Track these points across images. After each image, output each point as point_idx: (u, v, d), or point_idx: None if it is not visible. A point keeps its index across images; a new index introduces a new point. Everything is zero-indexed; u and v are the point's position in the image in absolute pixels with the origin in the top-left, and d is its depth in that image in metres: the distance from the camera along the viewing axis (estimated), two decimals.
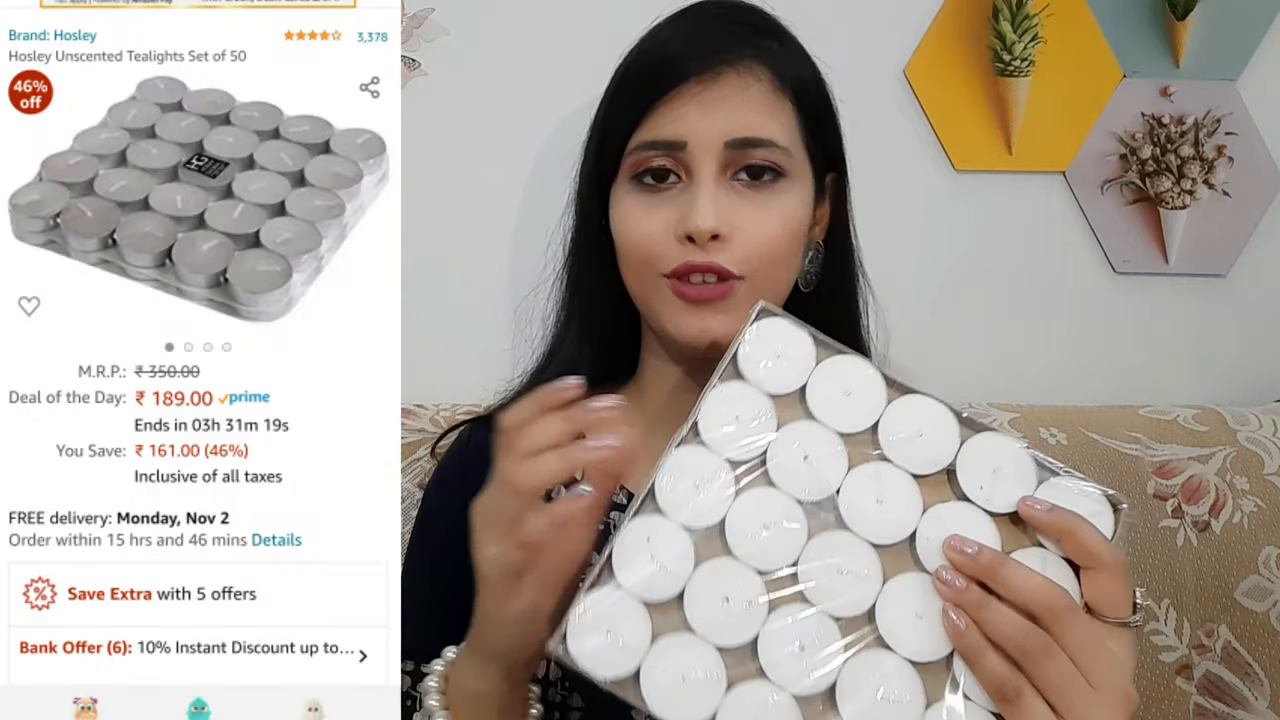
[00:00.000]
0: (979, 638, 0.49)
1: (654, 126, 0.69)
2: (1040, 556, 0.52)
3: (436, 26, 1.02)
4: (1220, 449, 0.97)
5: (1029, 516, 0.52)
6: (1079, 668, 0.48)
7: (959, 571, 0.51)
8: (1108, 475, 0.95)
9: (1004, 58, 1.05)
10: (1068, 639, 0.49)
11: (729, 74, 0.68)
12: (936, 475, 0.54)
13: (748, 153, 0.68)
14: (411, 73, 1.01)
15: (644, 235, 0.69)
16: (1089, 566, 0.51)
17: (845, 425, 0.55)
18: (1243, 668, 0.91)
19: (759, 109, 0.69)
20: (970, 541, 0.51)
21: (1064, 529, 0.51)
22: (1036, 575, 0.50)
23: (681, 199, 0.68)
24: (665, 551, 0.52)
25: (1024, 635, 0.48)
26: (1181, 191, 1.08)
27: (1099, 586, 0.51)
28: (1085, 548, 0.51)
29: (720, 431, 0.55)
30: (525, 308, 0.88)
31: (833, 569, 0.52)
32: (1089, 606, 0.51)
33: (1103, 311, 1.10)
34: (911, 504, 0.53)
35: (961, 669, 0.50)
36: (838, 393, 0.56)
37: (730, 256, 0.67)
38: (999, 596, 0.50)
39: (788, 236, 0.69)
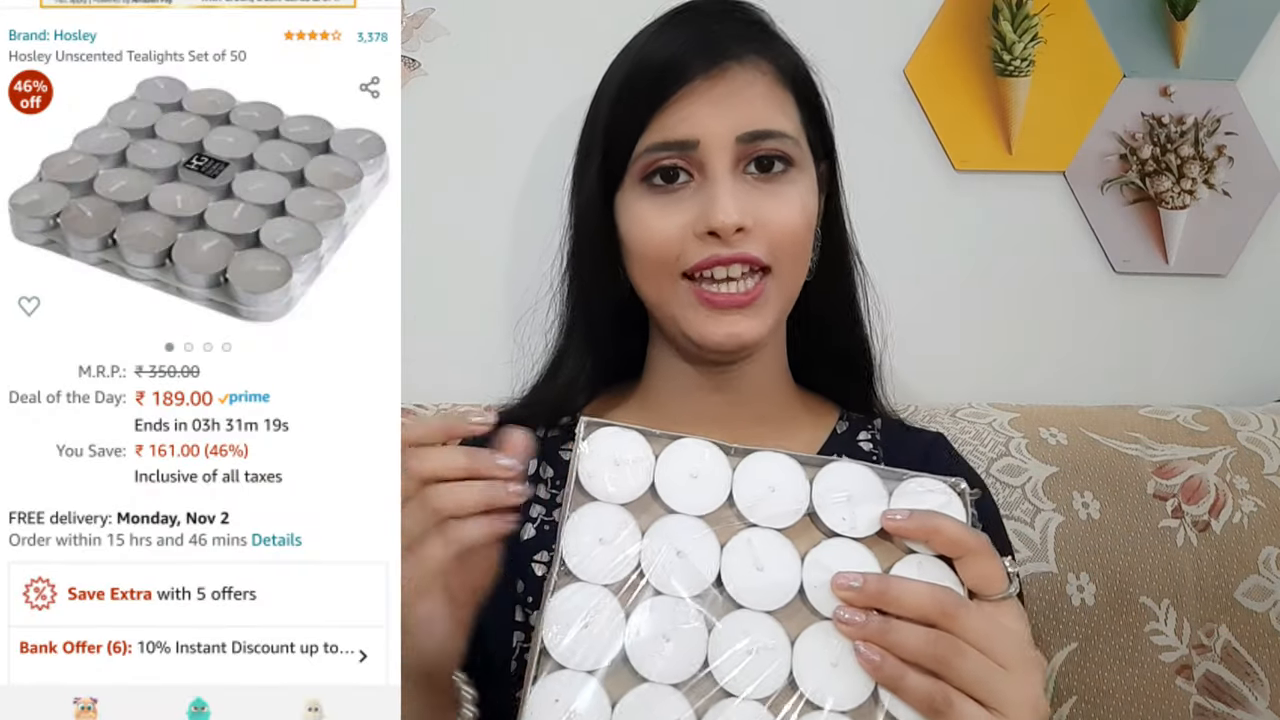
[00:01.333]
0: (896, 663, 0.50)
1: (664, 128, 0.69)
2: (916, 562, 0.54)
3: (436, 26, 1.02)
4: (1220, 449, 0.97)
5: (894, 529, 0.55)
6: (987, 654, 0.50)
7: (853, 607, 0.52)
8: (1108, 475, 0.95)
9: (1004, 58, 1.05)
10: (968, 632, 0.50)
11: (735, 69, 0.69)
12: (800, 523, 0.56)
13: (759, 145, 0.69)
14: (411, 73, 1.02)
15: (662, 236, 0.69)
16: (959, 555, 0.54)
17: (702, 508, 0.55)
18: (1243, 668, 0.91)
19: (767, 101, 0.70)
20: (852, 575, 0.52)
21: (927, 529, 0.54)
22: (921, 584, 0.52)
23: (696, 197, 0.69)
24: (578, 706, 0.51)
25: (932, 644, 0.50)
26: (1181, 191, 1.08)
27: (975, 570, 0.53)
28: (951, 540, 0.53)
29: (589, 559, 0.54)
30: (525, 322, 0.88)
31: (742, 653, 0.52)
32: (971, 592, 0.53)
33: (1103, 311, 1.11)
34: (789, 558, 0.54)
35: (889, 699, 0.51)
36: (684, 478, 0.56)
37: (756, 246, 0.68)
38: (896, 616, 0.51)
39: (806, 223, 0.71)
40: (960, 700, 0.50)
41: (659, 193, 0.70)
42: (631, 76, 0.72)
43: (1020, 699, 0.50)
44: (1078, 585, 0.91)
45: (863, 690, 0.51)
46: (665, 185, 0.69)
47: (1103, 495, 0.94)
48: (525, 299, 0.91)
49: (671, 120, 0.69)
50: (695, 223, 0.68)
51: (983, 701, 0.50)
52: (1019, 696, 0.50)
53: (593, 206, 0.74)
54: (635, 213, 0.71)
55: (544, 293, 0.85)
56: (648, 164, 0.69)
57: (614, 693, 0.51)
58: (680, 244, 0.69)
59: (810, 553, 0.54)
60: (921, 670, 0.50)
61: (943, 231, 1.08)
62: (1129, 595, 0.91)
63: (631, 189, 0.71)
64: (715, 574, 0.54)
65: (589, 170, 0.75)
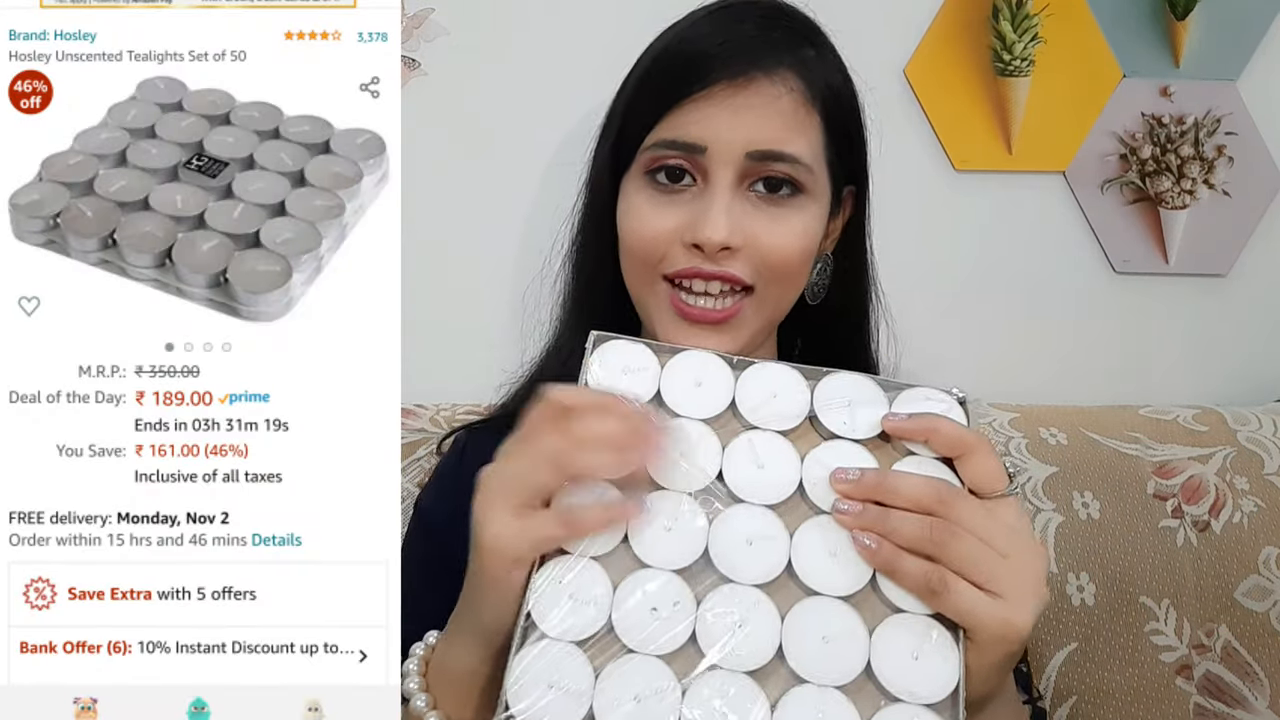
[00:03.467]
0: (891, 548, 0.51)
1: (676, 125, 0.67)
2: (916, 462, 0.55)
3: (436, 26, 1.02)
4: (1220, 449, 0.97)
5: (894, 429, 0.55)
6: (985, 542, 0.51)
7: (851, 499, 0.53)
8: (1108, 475, 0.95)
9: (1004, 58, 1.05)
10: (964, 519, 0.51)
11: (761, 80, 0.66)
12: (801, 426, 0.57)
13: (768, 165, 0.66)
14: (411, 73, 1.01)
15: (652, 234, 0.68)
16: (960, 454, 0.54)
17: (705, 412, 0.57)
18: (1243, 668, 0.91)
19: (786, 121, 0.67)
20: (850, 469, 0.54)
21: (926, 429, 0.55)
22: (917, 476, 0.53)
23: (694, 204, 0.67)
24: (578, 582, 0.52)
25: (927, 528, 0.51)
26: (1181, 191, 1.08)
27: (975, 468, 0.53)
28: (950, 438, 0.54)
29: None
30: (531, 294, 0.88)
31: (741, 543, 0.53)
32: (971, 491, 0.53)
33: (1103, 311, 1.10)
34: (789, 457, 0.55)
35: (885, 583, 0.52)
36: (689, 386, 0.58)
37: (741, 266, 0.66)
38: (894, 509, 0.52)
39: (799, 252, 0.68)
40: (956, 581, 0.50)
41: (660, 190, 0.68)
42: (659, 64, 0.70)
43: (1018, 583, 0.50)
44: (1078, 585, 0.91)
45: (860, 578, 0.52)
46: (668, 185, 0.68)
47: (1103, 495, 0.94)
48: (526, 299, 0.91)
49: (685, 119, 0.67)
50: (684, 230, 0.67)
51: (980, 584, 0.50)
52: (1017, 580, 0.50)
53: (601, 186, 0.74)
54: (633, 203, 0.70)
55: (545, 291, 0.84)
56: (654, 158, 0.68)
57: (615, 578, 0.52)
58: (667, 246, 0.67)
59: (810, 452, 0.56)
60: (919, 556, 0.51)
61: (943, 231, 1.08)
62: (1129, 595, 0.91)
63: (636, 178, 0.70)
64: (716, 471, 0.55)
65: (604, 146, 0.74)
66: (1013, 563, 0.51)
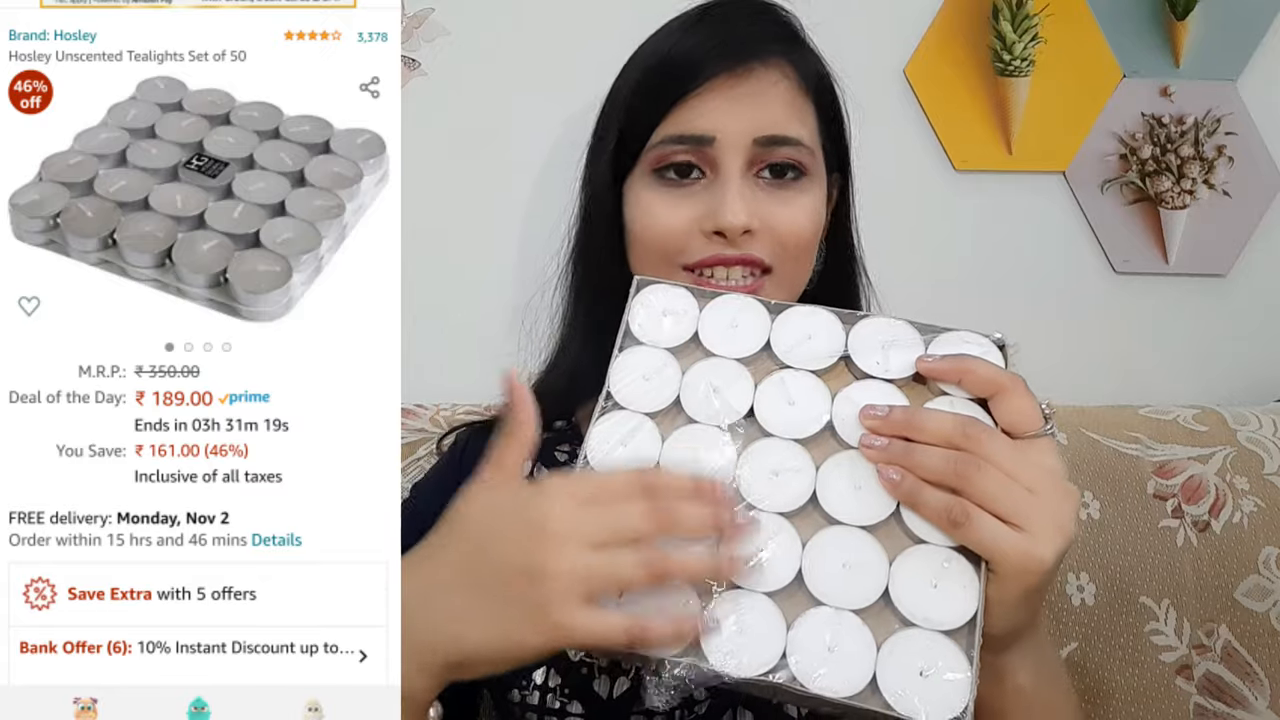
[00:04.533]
0: (914, 481, 0.52)
1: (681, 120, 0.69)
2: (948, 402, 0.55)
3: (436, 26, 1.02)
4: (1220, 449, 0.97)
5: (927, 370, 0.56)
6: (1011, 477, 0.51)
7: (879, 434, 0.53)
8: (1108, 475, 0.95)
9: (1004, 58, 1.05)
10: (992, 455, 0.51)
11: (759, 69, 0.69)
12: (835, 366, 0.58)
13: (774, 150, 0.69)
14: (411, 73, 1.02)
15: (667, 229, 0.69)
16: (993, 394, 0.54)
17: (740, 352, 0.59)
18: (1243, 668, 0.91)
19: (786, 107, 0.70)
20: (879, 405, 0.55)
21: (960, 369, 0.55)
22: (946, 413, 0.53)
23: (707, 194, 0.69)
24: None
25: (953, 462, 0.51)
26: (1181, 191, 1.08)
27: (1008, 407, 0.53)
28: (983, 379, 0.54)
29: (632, 391, 0.58)
30: (532, 308, 0.88)
31: (768, 473, 0.54)
32: (1006, 432, 0.53)
33: (1103, 311, 1.11)
34: (820, 396, 0.57)
35: (908, 514, 0.52)
36: (725, 327, 0.59)
37: (760, 248, 0.68)
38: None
39: (812, 230, 0.71)
40: (978, 514, 0.50)
41: (670, 186, 0.70)
42: (655, 68, 0.72)
43: (1042, 518, 0.50)
44: (1078, 585, 0.91)
45: (883, 510, 0.53)
46: (677, 180, 0.69)
47: (1103, 495, 0.94)
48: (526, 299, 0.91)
49: (690, 114, 0.68)
50: (703, 220, 0.68)
51: (1004, 518, 0.50)
52: (1042, 515, 0.50)
53: (602, 193, 0.75)
54: (643, 202, 0.70)
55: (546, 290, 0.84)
56: (661, 155, 0.69)
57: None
58: (685, 238, 0.69)
59: (842, 391, 0.57)
60: (944, 489, 0.51)
61: (943, 231, 1.08)
62: (1129, 595, 0.91)
63: (642, 178, 0.71)
64: (748, 408, 0.57)
65: (601, 156, 0.75)
66: (1039, 499, 0.50)
